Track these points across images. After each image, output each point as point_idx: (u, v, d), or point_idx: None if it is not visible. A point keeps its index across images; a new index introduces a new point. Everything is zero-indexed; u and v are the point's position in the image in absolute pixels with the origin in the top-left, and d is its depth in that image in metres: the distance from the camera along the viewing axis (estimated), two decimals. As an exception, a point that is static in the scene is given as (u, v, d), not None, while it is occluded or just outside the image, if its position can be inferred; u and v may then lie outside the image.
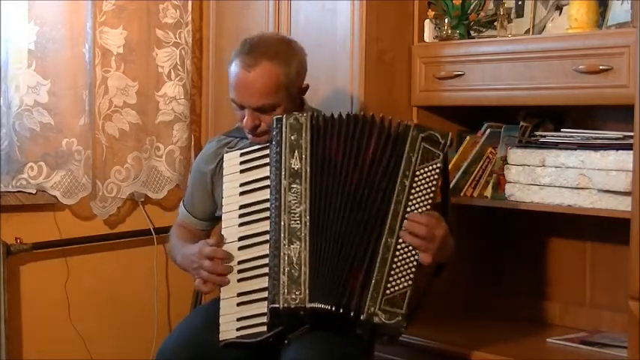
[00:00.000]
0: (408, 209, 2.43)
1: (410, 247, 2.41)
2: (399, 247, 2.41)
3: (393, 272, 2.39)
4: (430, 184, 2.45)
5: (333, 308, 2.37)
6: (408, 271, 2.40)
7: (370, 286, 2.38)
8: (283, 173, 2.46)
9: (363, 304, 2.37)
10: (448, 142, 2.47)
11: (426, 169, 2.45)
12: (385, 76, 3.17)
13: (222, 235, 2.55)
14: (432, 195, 2.44)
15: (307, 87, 2.69)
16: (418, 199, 2.44)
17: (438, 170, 2.45)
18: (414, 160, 2.45)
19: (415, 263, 2.41)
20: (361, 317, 2.37)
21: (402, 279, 2.40)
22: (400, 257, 2.41)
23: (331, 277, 2.40)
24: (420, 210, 2.43)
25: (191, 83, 3.79)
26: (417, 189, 2.44)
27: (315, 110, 2.69)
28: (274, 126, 2.51)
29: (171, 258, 2.88)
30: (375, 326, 2.39)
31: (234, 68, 2.61)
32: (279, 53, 2.59)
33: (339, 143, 2.49)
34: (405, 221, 2.41)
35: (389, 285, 2.39)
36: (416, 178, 2.44)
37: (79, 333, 3.57)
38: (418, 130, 2.47)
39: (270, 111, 2.58)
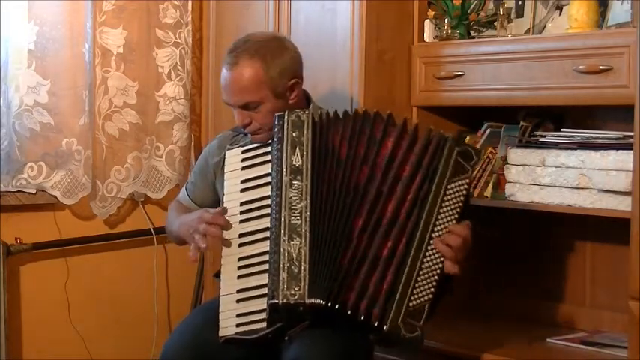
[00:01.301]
0: (438, 222, 2.43)
1: (435, 261, 2.41)
2: (425, 259, 2.41)
3: (417, 285, 2.40)
4: (458, 198, 2.45)
5: (331, 304, 2.37)
6: (431, 284, 2.41)
7: (396, 297, 2.38)
8: (284, 170, 2.47)
9: (387, 314, 2.37)
10: (480, 160, 2.48)
11: (457, 184, 2.45)
12: (385, 76, 3.17)
13: (225, 208, 2.56)
14: (459, 210, 2.44)
15: (296, 84, 2.67)
16: (447, 213, 2.44)
17: (466, 185, 2.46)
18: (448, 173, 2.45)
19: (437, 277, 2.41)
20: (385, 328, 2.37)
21: (425, 292, 2.40)
22: (425, 270, 2.41)
23: (332, 273, 2.40)
24: (447, 224, 2.43)
25: (191, 83, 3.80)
26: (448, 202, 2.44)
27: (322, 109, 2.69)
28: (276, 123, 2.52)
29: (168, 231, 2.88)
30: (395, 338, 2.38)
31: (222, 68, 2.65)
32: (260, 50, 2.61)
33: (343, 139, 2.50)
34: (438, 233, 2.41)
35: (413, 298, 2.39)
36: (448, 192, 2.44)
37: (79, 333, 3.57)
38: (455, 143, 2.47)
39: (255, 108, 2.61)
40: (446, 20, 3.16)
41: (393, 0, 3.18)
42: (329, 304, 2.37)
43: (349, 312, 2.38)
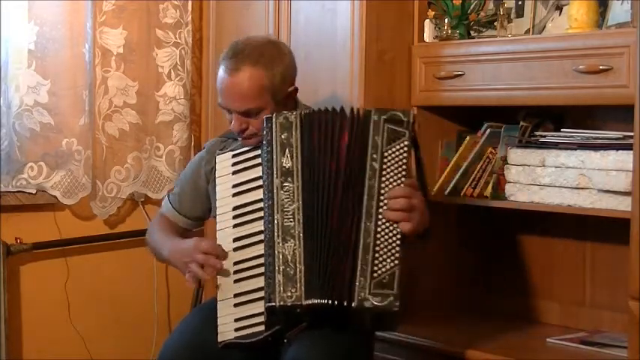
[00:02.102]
0: (382, 191, 2.43)
1: (391, 227, 2.41)
2: (379, 229, 2.41)
3: (377, 255, 2.39)
4: (400, 162, 2.45)
5: (329, 302, 2.38)
6: (393, 250, 2.40)
7: (357, 273, 2.38)
8: (275, 172, 2.47)
9: (353, 292, 2.37)
10: (411, 120, 2.47)
11: (394, 149, 2.45)
12: (385, 76, 3.17)
13: (217, 239, 2.57)
14: (403, 173, 2.44)
15: (295, 90, 2.69)
16: (390, 179, 2.44)
17: (405, 148, 2.45)
18: (379, 142, 2.45)
19: (398, 242, 2.40)
20: (352, 305, 2.37)
21: (388, 259, 2.39)
22: (382, 239, 2.40)
23: (324, 272, 2.41)
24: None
25: (191, 83, 3.80)
26: (388, 169, 2.44)
27: (307, 108, 2.69)
28: (264, 125, 2.52)
29: (153, 250, 2.84)
30: (368, 311, 2.38)
31: (220, 73, 2.63)
32: (263, 57, 2.59)
33: (315, 137, 2.50)
34: (385, 201, 2.42)
35: (375, 268, 2.38)
36: (385, 160, 2.44)
37: (79, 333, 3.57)
38: (379, 113, 2.48)
39: (256, 115, 2.59)
40: (446, 20, 3.16)
41: (393, 0, 3.19)
42: (327, 302, 2.38)
43: (329, 301, 2.38)
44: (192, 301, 3.72)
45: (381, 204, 2.42)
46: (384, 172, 2.44)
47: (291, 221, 2.44)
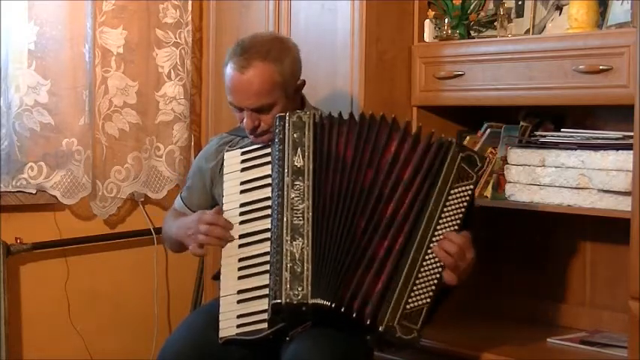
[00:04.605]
0: (439, 226, 2.42)
1: (435, 265, 2.40)
2: (424, 263, 2.41)
3: (415, 288, 2.39)
4: (462, 204, 2.44)
5: (334, 305, 2.38)
6: (429, 288, 2.40)
7: (392, 298, 2.38)
8: (286, 170, 2.47)
9: (382, 315, 2.37)
10: (484, 166, 2.48)
11: (461, 189, 2.45)
12: (385, 76, 3.17)
13: (220, 208, 2.57)
14: (461, 215, 2.44)
15: (303, 83, 2.69)
16: (449, 217, 2.43)
17: (470, 192, 2.45)
18: (451, 177, 2.44)
19: (436, 281, 2.41)
20: (380, 328, 2.37)
21: (423, 295, 2.40)
22: (424, 273, 2.41)
23: (335, 274, 2.40)
24: (449, 228, 2.43)
25: (191, 83, 3.80)
26: (450, 207, 2.44)
27: (316, 109, 2.70)
28: (277, 124, 2.52)
29: (165, 238, 2.87)
30: (392, 339, 2.38)
31: (228, 71, 2.61)
32: (272, 52, 2.59)
33: (348, 142, 2.49)
34: (440, 237, 2.41)
35: (410, 300, 2.39)
36: (450, 196, 2.44)
37: (79, 333, 3.57)
38: (459, 149, 2.47)
39: (268, 110, 2.59)
40: (446, 20, 3.16)
41: (393, 0, 3.19)
42: (332, 304, 2.38)
43: (342, 309, 2.38)
44: (192, 302, 3.73)
45: (434, 239, 2.42)
46: (445, 209, 2.43)
47: (300, 220, 2.43)
